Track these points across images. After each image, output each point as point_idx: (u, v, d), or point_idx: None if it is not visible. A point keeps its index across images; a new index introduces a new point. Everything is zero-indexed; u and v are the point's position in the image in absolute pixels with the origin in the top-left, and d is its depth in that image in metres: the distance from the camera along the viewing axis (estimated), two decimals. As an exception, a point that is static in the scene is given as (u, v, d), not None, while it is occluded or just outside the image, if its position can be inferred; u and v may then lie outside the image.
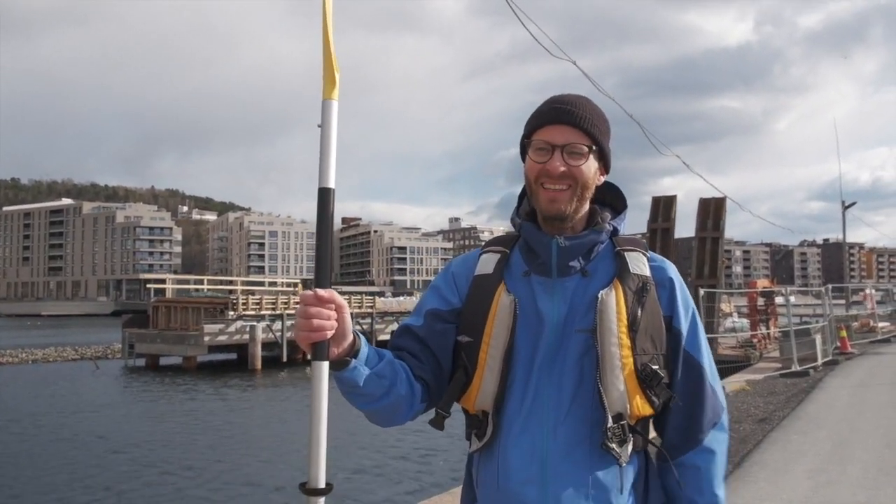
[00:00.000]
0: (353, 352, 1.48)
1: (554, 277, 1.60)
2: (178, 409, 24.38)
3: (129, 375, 34.45)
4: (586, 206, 1.64)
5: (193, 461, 16.07)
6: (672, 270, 1.65)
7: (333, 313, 1.42)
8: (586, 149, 1.58)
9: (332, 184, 1.46)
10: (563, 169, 1.56)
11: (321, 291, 1.41)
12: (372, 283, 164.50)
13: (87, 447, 17.92)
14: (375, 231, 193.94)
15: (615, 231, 1.66)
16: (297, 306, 1.44)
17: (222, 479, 14.46)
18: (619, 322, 1.52)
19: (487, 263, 1.67)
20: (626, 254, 1.62)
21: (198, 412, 23.49)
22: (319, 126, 1.48)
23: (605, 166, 1.67)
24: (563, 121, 1.59)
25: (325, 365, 1.43)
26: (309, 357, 1.44)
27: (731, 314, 28.60)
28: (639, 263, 1.61)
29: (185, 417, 22.42)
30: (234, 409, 24.42)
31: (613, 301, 1.54)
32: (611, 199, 1.73)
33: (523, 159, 1.66)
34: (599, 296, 1.54)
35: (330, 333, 1.41)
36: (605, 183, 1.72)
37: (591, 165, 1.60)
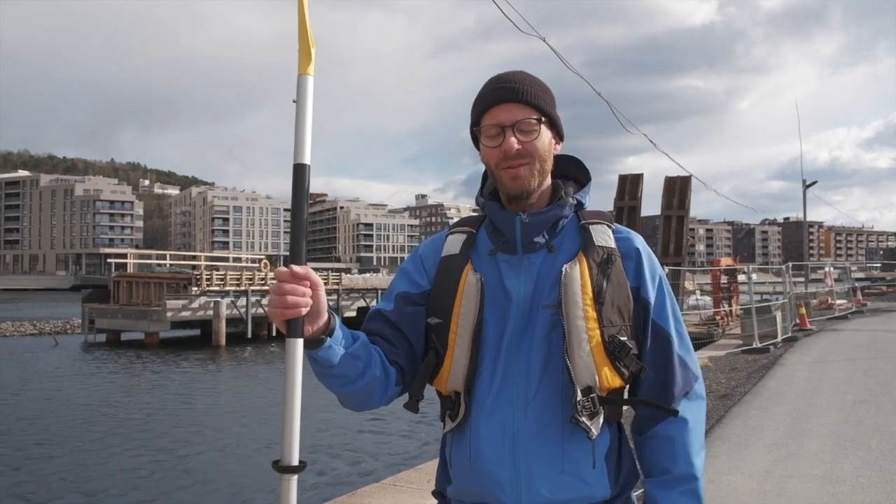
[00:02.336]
0: (328, 330, 1.46)
1: (519, 254, 1.59)
2: (140, 385, 24.11)
3: (89, 351, 33.97)
4: (548, 180, 1.64)
5: (157, 438, 15.93)
6: (638, 241, 1.64)
7: (308, 290, 1.39)
8: (536, 122, 1.57)
9: (307, 160, 1.44)
10: (518, 147, 1.55)
11: (296, 268, 1.39)
12: (338, 260, 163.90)
13: (43, 422, 17.64)
14: (342, 207, 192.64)
15: (580, 205, 1.66)
16: (272, 283, 1.41)
17: (189, 456, 14.36)
18: (584, 295, 1.51)
19: (454, 244, 1.67)
20: (591, 227, 1.61)
21: (160, 388, 23.27)
22: (295, 101, 1.45)
23: (558, 135, 1.66)
24: (508, 99, 1.57)
25: (300, 342, 1.40)
26: (284, 334, 1.41)
27: (694, 292, 29.04)
28: (604, 236, 1.60)
29: (147, 394, 22.20)
30: (197, 385, 24.22)
31: (577, 274, 1.53)
32: (574, 173, 1.72)
33: (477, 147, 1.65)
34: (563, 270, 1.54)
35: (304, 310, 1.39)
36: (568, 157, 1.72)
37: (544, 138, 1.59)
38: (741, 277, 24.08)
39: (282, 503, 1.41)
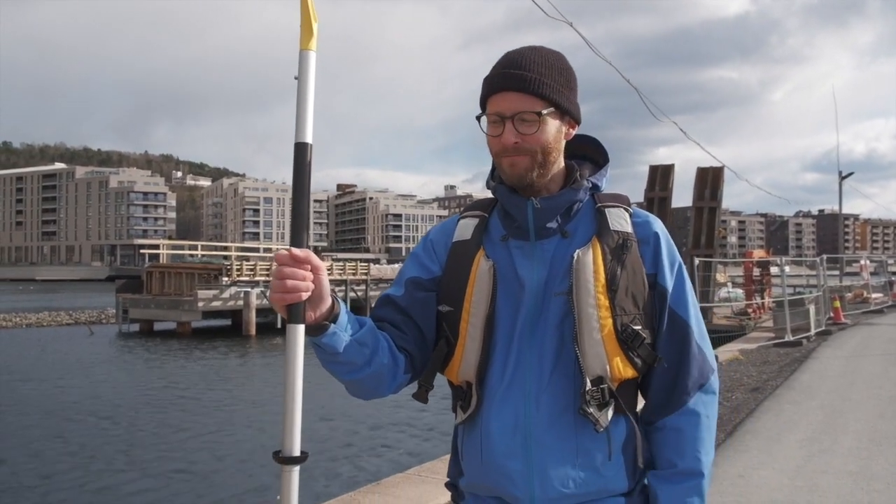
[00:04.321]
0: (332, 316, 1.40)
1: (532, 241, 1.53)
2: (171, 373, 24.42)
3: (123, 340, 34.51)
4: (558, 165, 1.55)
5: (180, 426, 16.09)
6: (657, 225, 1.56)
7: (309, 274, 1.34)
8: (537, 115, 1.46)
9: (309, 139, 1.38)
10: (516, 141, 1.47)
11: (296, 251, 1.33)
12: (367, 250, 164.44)
13: (76, 410, 17.93)
14: (371, 198, 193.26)
15: (596, 188, 1.58)
16: (273, 266, 1.36)
17: (207, 445, 14.49)
18: (597, 282, 1.45)
19: (465, 229, 1.60)
20: (606, 210, 1.54)
21: (190, 377, 23.55)
22: (296, 78, 1.39)
23: (572, 119, 1.55)
24: (510, 87, 1.47)
25: (301, 328, 1.35)
26: (285, 320, 1.36)
27: (725, 284, 28.66)
28: (620, 220, 1.53)
29: (177, 382, 22.46)
30: (227, 374, 24.48)
31: (590, 260, 1.46)
32: (591, 154, 1.64)
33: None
34: (575, 255, 1.47)
35: (305, 295, 1.33)
36: (586, 137, 1.63)
37: (547, 129, 1.48)
38: (774, 270, 23.66)
39: (282, 496, 1.38)
